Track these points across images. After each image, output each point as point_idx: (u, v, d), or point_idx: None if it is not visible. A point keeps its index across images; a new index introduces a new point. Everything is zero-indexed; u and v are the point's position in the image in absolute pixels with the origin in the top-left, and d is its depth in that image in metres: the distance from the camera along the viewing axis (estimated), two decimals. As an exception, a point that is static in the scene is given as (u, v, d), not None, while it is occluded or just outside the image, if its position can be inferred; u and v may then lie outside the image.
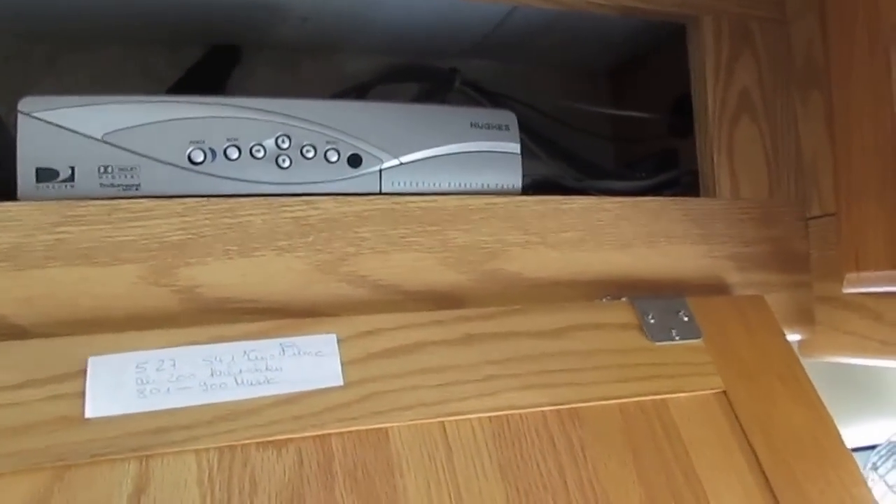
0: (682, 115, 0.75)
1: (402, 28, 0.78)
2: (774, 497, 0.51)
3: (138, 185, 0.52)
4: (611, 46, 0.86)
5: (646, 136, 0.86)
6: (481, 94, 0.83)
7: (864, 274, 0.62)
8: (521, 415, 0.51)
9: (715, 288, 0.65)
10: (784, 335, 0.62)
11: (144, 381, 0.45)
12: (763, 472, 0.52)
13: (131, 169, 0.52)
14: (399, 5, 0.71)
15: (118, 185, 0.51)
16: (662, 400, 0.54)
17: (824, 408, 0.57)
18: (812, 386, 0.58)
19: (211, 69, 0.78)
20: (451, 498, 0.46)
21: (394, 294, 0.55)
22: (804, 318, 0.68)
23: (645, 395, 0.54)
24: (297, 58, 0.82)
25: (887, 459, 0.88)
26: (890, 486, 0.85)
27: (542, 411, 0.52)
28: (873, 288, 0.63)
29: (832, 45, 0.66)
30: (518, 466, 0.49)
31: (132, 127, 0.52)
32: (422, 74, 0.84)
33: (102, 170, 0.51)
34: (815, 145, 0.69)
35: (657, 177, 0.72)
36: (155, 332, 0.48)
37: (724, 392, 0.56)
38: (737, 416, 0.55)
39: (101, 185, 0.51)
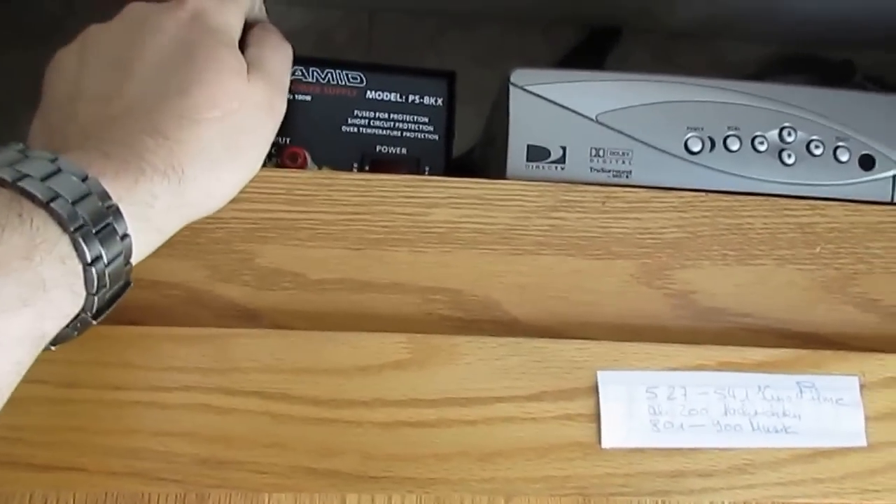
0: None
1: (800, 17, 0.69)
2: None
3: (630, 171, 0.46)
4: None
5: None
6: (885, 90, 0.74)
7: None
8: None
9: None
10: None
11: (657, 411, 0.40)
12: None
13: (624, 154, 0.46)
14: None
15: (609, 171, 0.46)
16: None
17: None
18: None
19: (589, 51, 0.73)
20: None
21: (907, 325, 0.46)
22: None
23: None
24: (673, 43, 0.76)
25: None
26: None
27: None
28: None
29: None
30: None
31: (628, 108, 0.46)
32: (815, 66, 0.75)
33: (594, 153, 0.46)
34: None
35: None
36: (660, 346, 0.42)
37: None
38: None
39: (592, 169, 0.46)
